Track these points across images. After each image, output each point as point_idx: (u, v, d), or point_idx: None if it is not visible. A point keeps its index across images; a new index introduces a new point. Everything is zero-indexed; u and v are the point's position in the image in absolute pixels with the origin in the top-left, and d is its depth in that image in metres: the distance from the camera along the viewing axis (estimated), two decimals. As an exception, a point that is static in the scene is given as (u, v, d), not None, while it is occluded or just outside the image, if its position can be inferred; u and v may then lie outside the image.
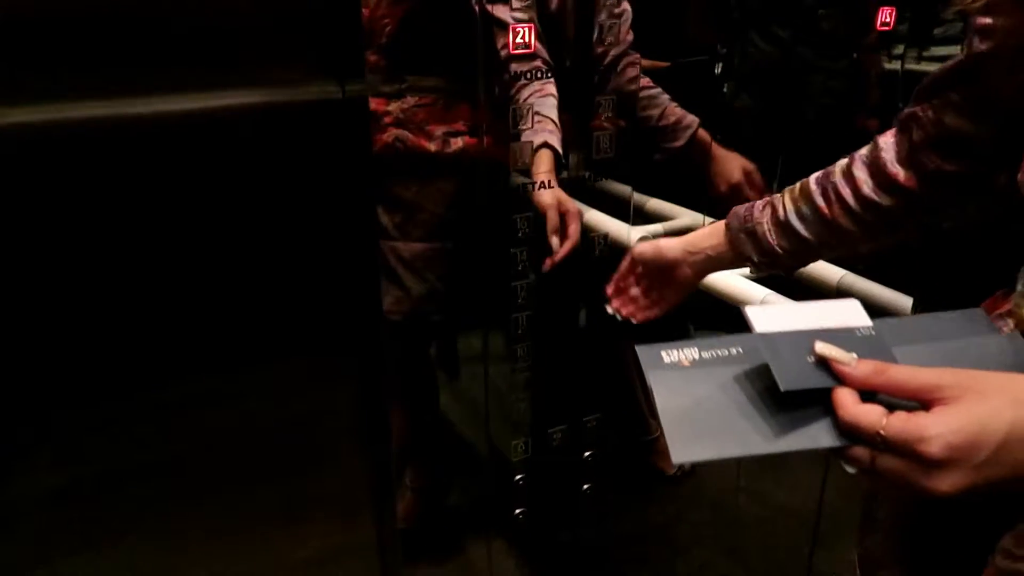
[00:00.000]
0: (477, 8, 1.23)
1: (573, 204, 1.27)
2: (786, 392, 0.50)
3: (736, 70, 1.95)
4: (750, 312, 0.55)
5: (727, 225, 0.93)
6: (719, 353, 0.55)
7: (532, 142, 1.24)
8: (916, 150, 0.79)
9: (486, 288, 1.43)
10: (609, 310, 1.05)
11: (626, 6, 1.50)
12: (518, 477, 1.40)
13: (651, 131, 1.62)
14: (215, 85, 0.69)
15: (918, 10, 1.85)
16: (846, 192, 0.84)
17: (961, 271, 0.96)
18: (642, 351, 0.55)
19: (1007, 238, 0.72)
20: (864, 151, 0.84)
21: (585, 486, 1.48)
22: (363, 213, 0.80)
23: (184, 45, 0.67)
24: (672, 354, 0.54)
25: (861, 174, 0.83)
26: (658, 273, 0.99)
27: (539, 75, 1.27)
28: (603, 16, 1.41)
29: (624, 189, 1.43)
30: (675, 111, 1.60)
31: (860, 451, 0.49)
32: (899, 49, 1.88)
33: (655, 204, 1.45)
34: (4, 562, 0.74)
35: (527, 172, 1.25)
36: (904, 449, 0.47)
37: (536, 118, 1.26)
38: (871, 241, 0.86)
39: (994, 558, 0.59)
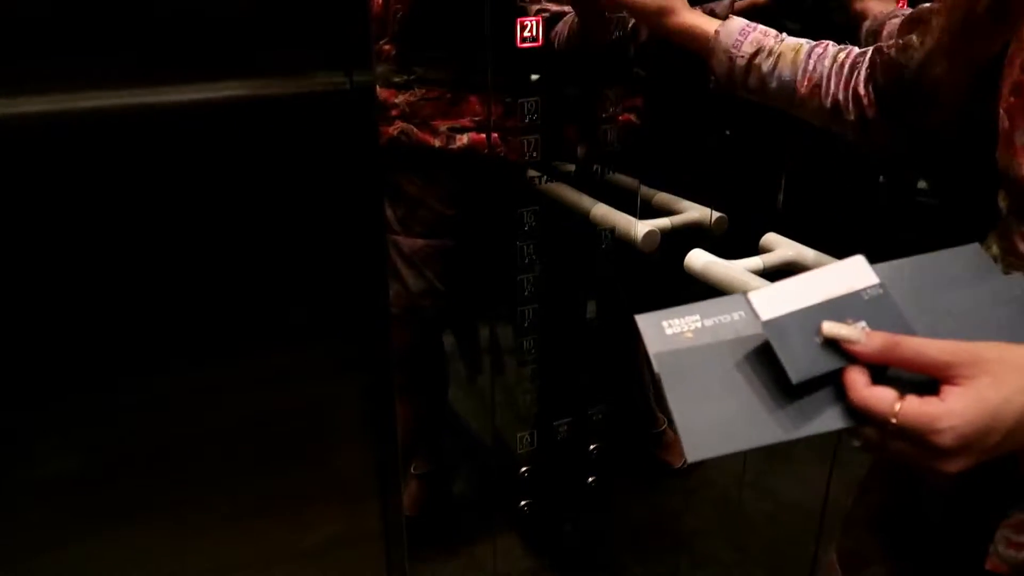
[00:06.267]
0: None
1: None
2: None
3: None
4: (754, 298, 0.53)
5: (716, 34, 0.92)
6: (722, 319, 0.53)
7: None
8: (875, 81, 0.80)
9: (492, 281, 1.43)
10: None
11: None
12: (523, 469, 1.40)
13: None
14: (222, 75, 0.69)
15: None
16: (827, 85, 0.83)
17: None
18: (643, 321, 0.54)
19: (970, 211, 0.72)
20: (854, 55, 0.84)
21: (590, 478, 1.48)
22: (371, 203, 0.80)
23: (189, 34, 0.67)
24: (674, 324, 0.53)
25: (845, 77, 0.83)
26: None
27: None
28: None
29: (632, 182, 1.43)
30: None
31: (871, 432, 0.48)
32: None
33: (662, 198, 1.45)
34: (15, 547, 0.75)
35: (535, 165, 1.25)
36: (915, 437, 0.46)
37: None
38: (806, 119, 0.87)
39: (995, 547, 0.58)
